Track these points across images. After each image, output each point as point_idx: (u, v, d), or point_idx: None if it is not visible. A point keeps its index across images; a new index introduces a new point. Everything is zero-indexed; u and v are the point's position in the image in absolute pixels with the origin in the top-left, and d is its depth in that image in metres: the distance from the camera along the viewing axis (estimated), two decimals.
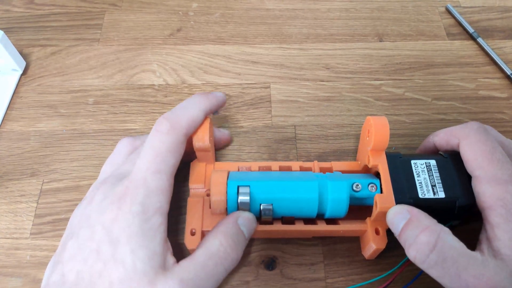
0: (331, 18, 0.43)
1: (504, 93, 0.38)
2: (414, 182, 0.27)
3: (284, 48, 0.41)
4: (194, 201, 0.29)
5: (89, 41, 0.41)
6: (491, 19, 0.43)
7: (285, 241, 0.30)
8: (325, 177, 0.28)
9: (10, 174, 0.33)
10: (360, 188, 0.28)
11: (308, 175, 0.29)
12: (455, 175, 0.27)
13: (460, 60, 0.40)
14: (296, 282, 0.29)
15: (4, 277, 0.29)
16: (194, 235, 0.27)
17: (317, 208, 0.27)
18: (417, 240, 0.23)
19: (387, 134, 0.28)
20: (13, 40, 0.40)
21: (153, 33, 0.42)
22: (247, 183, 0.27)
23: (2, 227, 0.31)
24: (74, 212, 0.27)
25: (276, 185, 0.28)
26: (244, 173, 0.30)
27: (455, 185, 0.27)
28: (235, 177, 0.28)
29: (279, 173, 0.30)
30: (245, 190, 0.27)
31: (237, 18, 0.43)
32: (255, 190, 0.27)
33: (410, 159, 0.28)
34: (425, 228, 0.23)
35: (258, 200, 0.27)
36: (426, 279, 0.29)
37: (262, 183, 0.28)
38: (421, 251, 0.22)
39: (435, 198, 0.26)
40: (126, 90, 0.38)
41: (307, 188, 0.27)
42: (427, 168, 0.27)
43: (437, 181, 0.27)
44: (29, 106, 0.37)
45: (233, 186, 0.27)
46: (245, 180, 0.28)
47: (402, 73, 0.39)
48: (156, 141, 0.25)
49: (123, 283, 0.23)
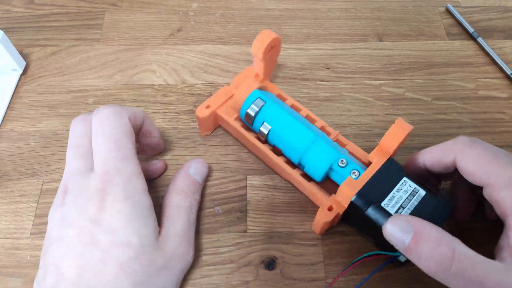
0: (331, 18, 0.43)
1: (504, 93, 0.38)
2: (389, 192, 0.27)
3: (284, 48, 0.41)
4: (226, 89, 0.34)
5: (89, 41, 0.41)
6: (491, 19, 0.43)
7: (285, 241, 0.30)
8: (324, 139, 0.30)
9: (10, 174, 0.33)
10: (344, 165, 0.29)
11: (316, 130, 0.31)
12: (427, 215, 0.25)
13: (460, 60, 0.40)
14: (296, 282, 0.29)
15: (4, 277, 0.29)
16: (208, 108, 0.33)
17: (300, 155, 0.30)
18: (435, 253, 0.22)
19: (398, 141, 0.28)
20: (13, 40, 0.40)
21: (153, 33, 0.42)
22: (266, 100, 0.31)
23: (2, 227, 0.31)
24: (49, 220, 0.27)
25: (284, 117, 0.30)
26: (276, 99, 0.32)
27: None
28: (265, 94, 0.31)
29: (299, 116, 0.31)
30: (259, 103, 0.31)
31: (237, 18, 0.43)
32: (267, 109, 0.31)
33: (404, 176, 0.28)
34: (440, 241, 0.22)
35: (263, 117, 0.31)
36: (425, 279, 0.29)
37: (276, 108, 0.31)
38: (442, 264, 0.22)
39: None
40: (126, 90, 0.38)
41: (303, 135, 0.30)
42: (411, 192, 0.27)
43: (409, 207, 0.26)
44: (29, 106, 0.37)
45: (255, 95, 0.31)
46: (268, 98, 0.31)
47: (402, 73, 0.39)
48: (106, 128, 0.26)
49: (134, 261, 0.25)
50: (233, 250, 0.30)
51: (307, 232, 0.31)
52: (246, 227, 0.31)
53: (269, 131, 0.31)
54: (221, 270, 0.29)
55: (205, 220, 0.31)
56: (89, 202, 0.25)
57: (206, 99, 0.34)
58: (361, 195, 0.27)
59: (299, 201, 0.32)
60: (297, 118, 0.31)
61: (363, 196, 0.27)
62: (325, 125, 0.33)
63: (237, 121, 0.33)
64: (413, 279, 0.29)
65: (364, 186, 0.27)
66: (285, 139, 0.30)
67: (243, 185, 0.33)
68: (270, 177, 0.33)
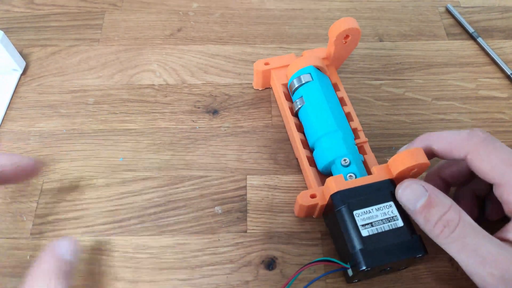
0: (331, 18, 0.43)
1: (504, 93, 0.38)
2: (368, 206, 0.26)
3: (284, 48, 0.41)
4: (290, 56, 0.35)
5: (89, 41, 0.41)
6: (491, 19, 0.43)
7: (285, 241, 0.30)
8: (343, 135, 0.30)
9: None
10: (346, 165, 0.29)
11: (343, 124, 0.31)
12: (390, 245, 0.25)
13: (460, 60, 0.40)
14: (296, 282, 0.29)
15: (4, 277, 0.29)
16: (266, 65, 0.35)
17: (315, 138, 0.31)
18: (444, 218, 0.24)
19: (404, 166, 0.26)
20: (13, 40, 0.40)
21: (153, 33, 0.42)
22: (313, 78, 0.32)
23: (2, 227, 0.31)
24: None
25: (320, 99, 0.31)
26: (325, 83, 0.33)
27: (380, 244, 0.25)
28: (317, 74, 0.33)
29: (335, 106, 0.32)
30: (306, 77, 0.32)
31: (237, 18, 0.43)
32: (310, 86, 0.32)
33: (392, 201, 0.26)
34: (449, 207, 0.24)
35: (303, 92, 0.32)
36: (425, 279, 0.29)
37: (318, 88, 0.32)
38: (448, 227, 0.23)
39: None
40: (126, 90, 0.38)
41: (327, 122, 0.31)
42: (389, 217, 0.26)
43: (377, 228, 0.26)
44: (29, 106, 0.37)
45: (308, 70, 0.33)
46: (317, 78, 0.32)
47: (402, 73, 0.39)
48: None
49: None
50: (233, 250, 0.30)
51: (307, 232, 0.31)
52: (246, 227, 0.31)
53: (302, 106, 0.32)
54: (221, 270, 0.29)
55: (205, 220, 0.31)
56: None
57: (205, 99, 0.34)
58: (342, 195, 0.27)
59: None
60: (331, 106, 0.31)
61: (342, 196, 0.27)
62: (359, 129, 0.33)
63: (283, 87, 0.35)
64: (414, 279, 0.29)
65: (350, 189, 0.27)
66: (310, 118, 0.31)
67: (243, 185, 0.33)
68: (270, 177, 0.33)
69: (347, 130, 0.31)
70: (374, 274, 0.27)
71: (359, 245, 0.25)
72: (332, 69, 0.35)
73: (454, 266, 0.29)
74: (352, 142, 0.31)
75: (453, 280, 0.29)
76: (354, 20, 0.31)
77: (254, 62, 0.36)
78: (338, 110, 0.32)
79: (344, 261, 0.27)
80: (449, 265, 0.29)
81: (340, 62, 0.36)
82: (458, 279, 0.29)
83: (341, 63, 0.36)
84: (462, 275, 0.29)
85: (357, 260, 0.25)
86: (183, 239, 0.31)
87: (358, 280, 0.28)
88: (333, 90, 0.33)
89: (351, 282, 0.28)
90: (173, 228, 0.31)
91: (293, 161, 0.34)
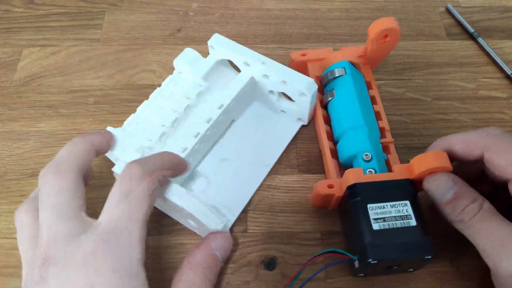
0: (331, 18, 0.43)
1: (504, 93, 0.38)
2: (383, 202, 0.26)
3: (284, 48, 0.41)
4: (328, 50, 0.36)
5: (89, 41, 0.41)
6: (491, 19, 0.43)
7: (285, 241, 0.30)
8: (369, 130, 0.30)
9: (10, 174, 0.33)
10: (368, 160, 0.29)
11: (370, 121, 0.31)
12: (400, 242, 0.25)
13: (460, 60, 0.40)
14: (296, 282, 0.29)
15: (4, 277, 0.29)
16: (303, 56, 0.36)
17: (340, 131, 0.31)
18: (467, 208, 0.25)
19: (424, 168, 0.26)
20: (13, 40, 0.40)
21: (153, 33, 0.42)
22: (347, 73, 0.33)
23: (2, 227, 0.31)
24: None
25: (350, 94, 0.32)
26: (358, 80, 0.33)
27: (396, 239, 0.25)
28: (352, 70, 0.33)
29: (365, 102, 0.32)
30: (340, 71, 0.33)
31: (237, 18, 0.43)
32: (342, 80, 0.33)
33: (408, 201, 0.26)
34: (475, 199, 0.25)
35: (335, 85, 0.33)
36: (425, 279, 0.29)
37: (350, 83, 0.32)
38: (468, 214, 0.24)
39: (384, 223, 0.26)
40: (126, 90, 0.38)
41: (354, 116, 0.31)
42: (403, 215, 0.26)
43: (389, 224, 0.26)
44: (29, 106, 0.37)
45: (343, 64, 0.33)
46: (350, 73, 0.33)
47: (402, 73, 0.39)
48: (134, 186, 0.24)
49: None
50: (233, 250, 0.30)
51: (307, 232, 0.31)
52: (246, 227, 0.31)
53: (332, 98, 0.33)
54: (221, 270, 0.29)
55: None
56: (79, 271, 0.21)
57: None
58: (358, 187, 0.27)
59: (299, 201, 0.32)
60: (361, 102, 0.32)
61: (359, 189, 0.27)
62: (387, 129, 0.32)
63: (315, 79, 0.35)
64: (414, 279, 0.29)
65: (367, 183, 0.27)
66: (339, 111, 0.32)
67: None
68: (270, 177, 0.33)
69: (373, 127, 0.31)
70: (380, 271, 0.27)
71: (369, 238, 0.25)
72: (367, 68, 0.35)
73: (454, 266, 0.29)
74: (377, 139, 0.31)
75: (453, 280, 0.29)
76: (395, 21, 0.31)
77: (291, 53, 0.36)
78: (367, 106, 0.32)
79: (352, 254, 0.27)
80: (449, 265, 0.29)
81: (376, 61, 0.36)
82: (458, 279, 0.29)
83: (377, 63, 0.36)
84: (463, 275, 0.29)
85: (365, 252, 0.25)
86: (183, 239, 0.30)
87: (363, 275, 0.28)
88: (365, 87, 0.34)
89: (356, 275, 0.28)
90: (173, 228, 0.31)
91: (293, 161, 0.34)
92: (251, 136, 0.35)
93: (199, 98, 0.33)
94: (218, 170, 0.33)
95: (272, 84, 0.33)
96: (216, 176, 0.33)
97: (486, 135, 0.26)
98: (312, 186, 0.32)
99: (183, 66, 0.33)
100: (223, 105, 0.32)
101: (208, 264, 0.26)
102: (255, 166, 0.33)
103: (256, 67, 0.33)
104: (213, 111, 0.31)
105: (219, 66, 0.35)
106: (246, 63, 0.33)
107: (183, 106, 0.32)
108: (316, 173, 0.33)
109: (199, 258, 0.26)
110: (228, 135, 0.34)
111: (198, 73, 0.33)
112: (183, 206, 0.27)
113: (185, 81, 0.33)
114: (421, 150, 0.32)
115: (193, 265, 0.26)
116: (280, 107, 0.35)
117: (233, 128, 0.35)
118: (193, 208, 0.27)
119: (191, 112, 0.32)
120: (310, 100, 0.32)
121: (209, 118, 0.31)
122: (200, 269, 0.26)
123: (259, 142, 0.34)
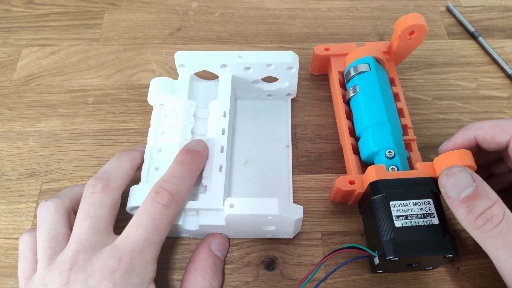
0: (331, 17, 0.43)
1: (505, 92, 0.38)
2: (406, 199, 0.26)
3: (284, 47, 0.41)
4: (351, 45, 0.36)
5: (88, 41, 0.41)
6: (491, 18, 0.43)
7: (285, 241, 0.30)
8: (392, 128, 0.30)
9: (9, 174, 0.33)
10: (390, 157, 0.29)
11: (392, 117, 0.31)
12: (420, 241, 0.25)
13: (461, 59, 0.40)
14: (296, 283, 0.29)
15: (4, 277, 0.29)
16: (326, 50, 0.35)
17: (363, 128, 0.31)
18: (488, 212, 0.22)
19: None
20: (12, 40, 0.40)
21: (153, 33, 0.42)
22: (371, 69, 0.32)
23: (2, 227, 0.31)
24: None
25: (374, 90, 0.32)
26: (382, 76, 0.33)
27: (419, 238, 0.25)
28: (375, 66, 0.33)
29: (388, 99, 0.32)
30: (364, 67, 0.33)
31: (237, 18, 0.43)
32: (366, 76, 0.32)
33: (431, 199, 0.26)
34: (495, 201, 0.23)
35: (359, 81, 0.32)
36: (425, 279, 0.29)
37: (374, 79, 0.32)
38: (491, 222, 0.22)
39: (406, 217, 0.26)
40: (126, 89, 0.38)
41: (377, 113, 0.31)
42: (426, 214, 0.26)
43: (411, 222, 0.26)
44: (28, 106, 0.37)
45: (367, 60, 0.33)
46: (374, 69, 0.32)
47: (403, 73, 0.39)
48: (157, 212, 0.25)
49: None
50: (233, 251, 0.30)
51: (307, 232, 0.31)
52: None
53: (355, 94, 0.32)
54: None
55: None
56: (104, 282, 0.22)
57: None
58: (381, 184, 0.27)
59: (299, 201, 0.32)
60: (384, 99, 0.31)
61: (381, 186, 0.27)
62: (409, 126, 0.32)
63: (338, 74, 0.35)
64: (414, 279, 0.29)
65: (390, 180, 0.27)
66: (362, 107, 0.31)
67: None
68: None
69: (396, 124, 0.31)
70: (400, 268, 0.27)
71: (390, 234, 0.25)
72: (391, 64, 0.35)
73: (455, 267, 0.29)
74: (400, 137, 0.31)
75: (454, 280, 0.29)
76: (422, 17, 0.31)
77: (315, 47, 0.36)
78: (390, 103, 0.32)
79: (372, 250, 0.26)
80: (450, 265, 0.29)
81: (401, 58, 0.36)
82: (459, 279, 0.29)
83: (402, 60, 0.36)
84: (463, 275, 0.29)
85: (386, 249, 0.25)
86: (183, 239, 0.30)
87: (382, 271, 0.28)
88: (388, 84, 0.33)
89: (375, 271, 0.28)
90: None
91: (293, 161, 0.34)
92: (256, 130, 0.35)
93: (196, 118, 0.32)
94: (248, 173, 0.33)
95: (255, 73, 0.33)
96: (251, 180, 0.32)
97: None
98: (312, 186, 0.32)
99: (163, 97, 0.32)
100: (226, 112, 0.31)
101: (215, 267, 0.27)
102: (277, 151, 0.34)
103: (234, 64, 0.32)
104: (221, 121, 0.31)
105: (192, 82, 0.34)
106: (223, 65, 0.32)
107: (189, 132, 0.31)
108: (316, 173, 0.33)
109: (205, 263, 0.27)
110: (237, 140, 0.34)
111: (182, 96, 0.32)
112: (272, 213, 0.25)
113: (175, 110, 0.32)
114: (421, 150, 0.32)
115: (201, 270, 0.27)
116: (266, 92, 0.35)
117: (236, 132, 0.35)
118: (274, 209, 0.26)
119: (197, 134, 0.32)
120: (296, 71, 0.32)
121: (223, 129, 0.31)
122: (209, 273, 0.27)
123: (265, 132, 0.35)
